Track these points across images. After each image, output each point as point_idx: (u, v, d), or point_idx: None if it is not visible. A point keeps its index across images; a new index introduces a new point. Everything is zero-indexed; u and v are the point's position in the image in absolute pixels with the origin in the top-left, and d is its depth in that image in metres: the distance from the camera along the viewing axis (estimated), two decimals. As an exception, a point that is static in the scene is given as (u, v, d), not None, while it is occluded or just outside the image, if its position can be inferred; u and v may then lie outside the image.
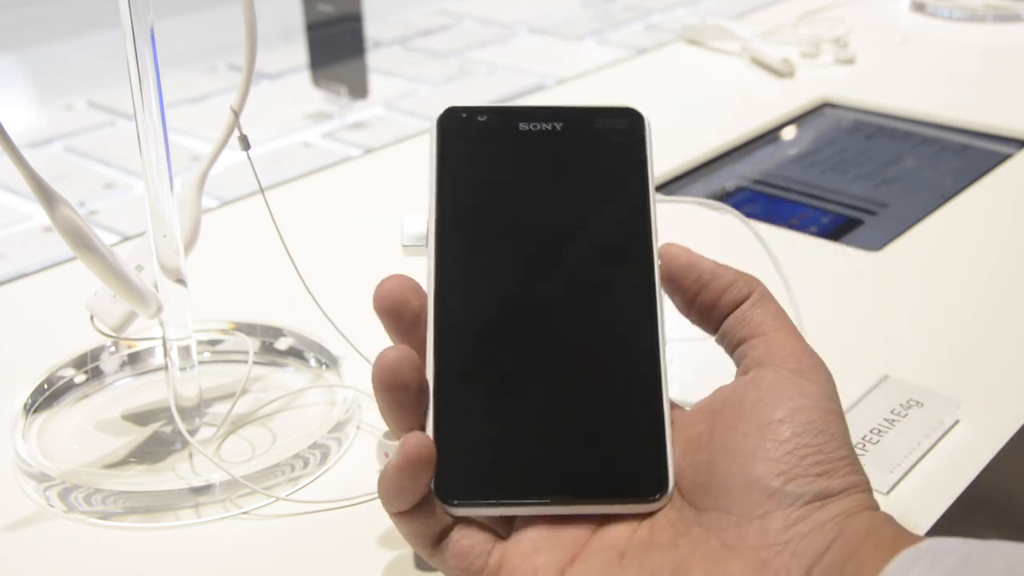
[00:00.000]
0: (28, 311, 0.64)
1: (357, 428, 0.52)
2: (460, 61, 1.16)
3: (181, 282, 0.49)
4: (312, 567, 0.44)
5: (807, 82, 0.99)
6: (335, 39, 0.95)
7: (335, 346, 0.56)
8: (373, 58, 1.10)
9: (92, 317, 0.50)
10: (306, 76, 0.99)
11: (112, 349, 0.56)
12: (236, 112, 0.48)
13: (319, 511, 0.47)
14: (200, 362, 0.51)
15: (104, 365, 0.56)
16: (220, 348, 0.57)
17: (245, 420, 0.52)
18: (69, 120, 0.99)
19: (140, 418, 0.53)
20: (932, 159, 0.84)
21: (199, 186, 0.51)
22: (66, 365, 0.55)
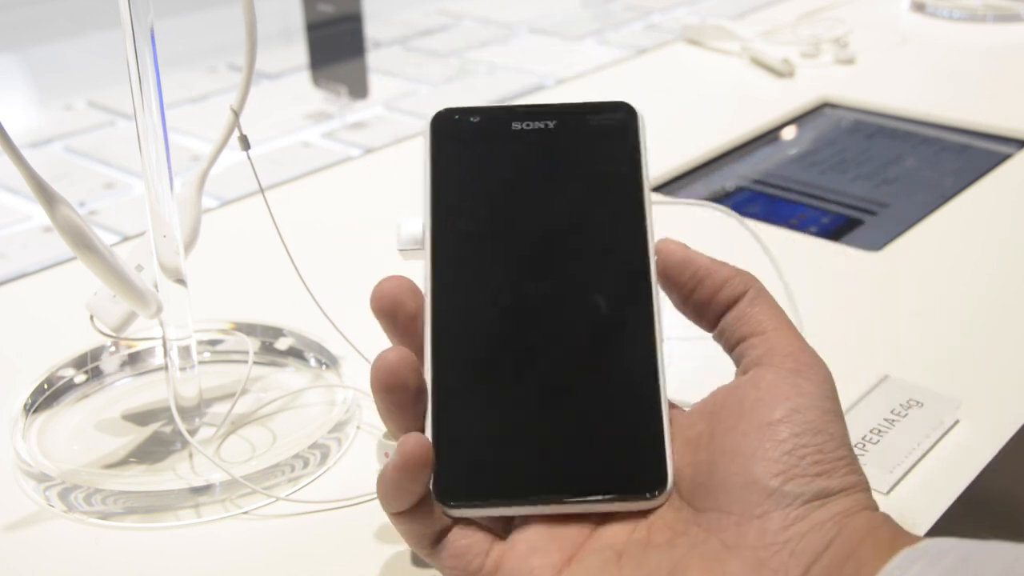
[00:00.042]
0: (28, 311, 0.64)
1: (357, 428, 0.52)
2: (460, 61, 1.16)
3: (181, 282, 0.49)
4: (312, 567, 0.44)
5: (807, 82, 0.99)
6: (335, 39, 0.95)
7: (335, 346, 0.56)
8: (373, 58, 1.10)
9: (92, 317, 0.50)
10: (306, 76, 0.99)
11: (112, 349, 0.56)
12: (236, 112, 0.48)
13: (319, 511, 0.47)
14: (200, 362, 0.51)
15: (104, 365, 0.56)
16: (220, 348, 0.57)
17: (245, 420, 0.52)
18: (69, 120, 0.99)
19: (140, 418, 0.53)
20: (932, 159, 0.84)
21: (199, 186, 0.51)
22: (66, 365, 0.55)
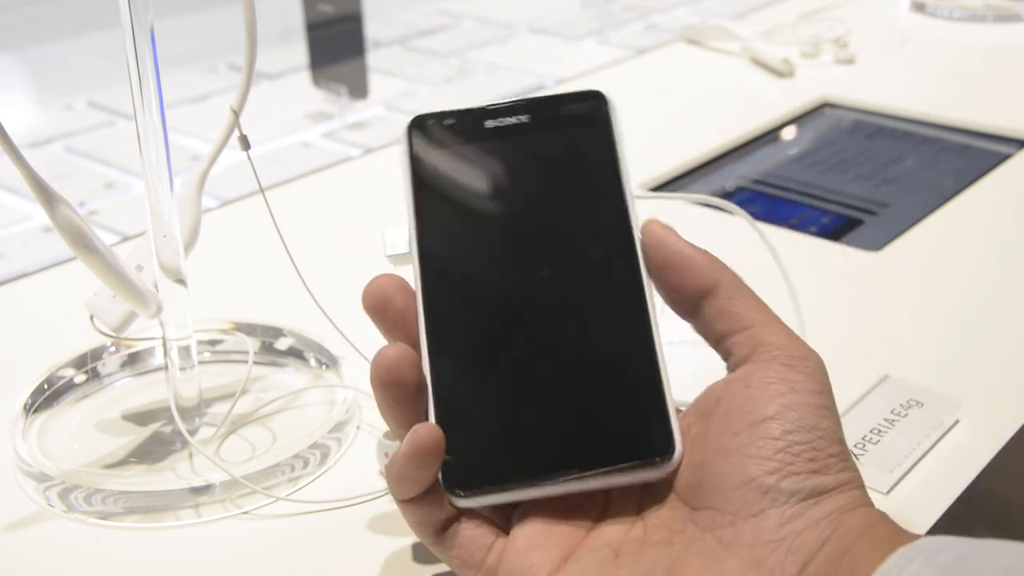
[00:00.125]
0: (28, 311, 0.64)
1: (357, 428, 0.52)
2: (460, 61, 1.16)
3: (181, 282, 0.49)
4: (312, 567, 0.44)
5: (807, 82, 0.99)
6: (335, 39, 0.95)
7: (335, 346, 0.56)
8: (373, 58, 1.10)
9: (92, 317, 0.50)
10: (306, 76, 0.99)
11: (112, 349, 0.56)
12: (236, 112, 0.48)
13: (319, 511, 0.47)
14: (200, 362, 0.51)
15: (104, 365, 0.56)
16: (220, 348, 0.57)
17: (245, 420, 0.52)
18: (69, 120, 0.99)
19: (140, 418, 0.53)
20: (932, 159, 0.84)
21: (199, 186, 0.51)
22: (66, 365, 0.55)
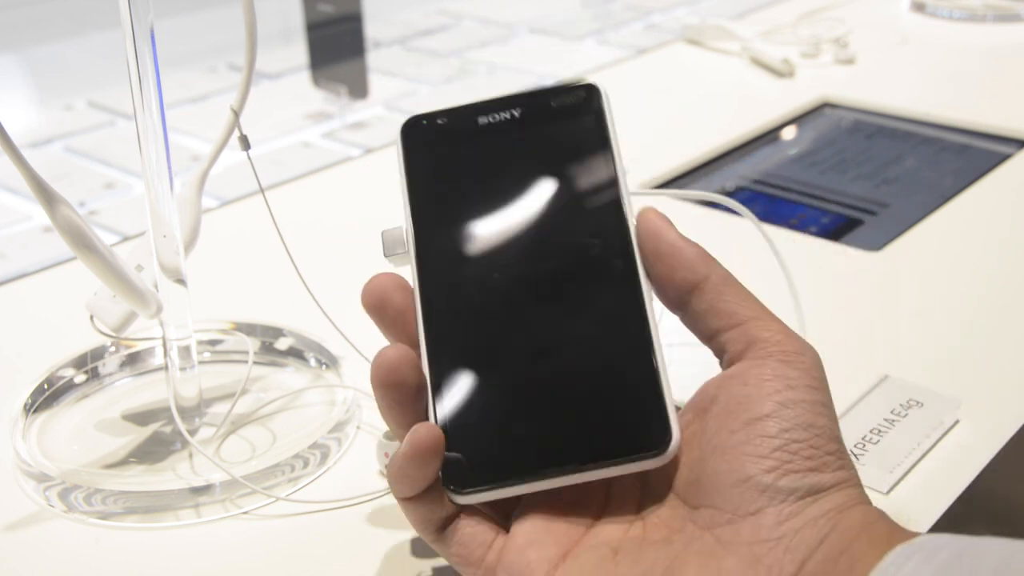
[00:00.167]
0: (28, 311, 0.64)
1: (357, 428, 0.52)
2: (460, 61, 1.16)
3: (181, 282, 0.49)
4: (312, 567, 0.44)
5: (807, 82, 0.99)
6: (335, 39, 0.95)
7: (335, 346, 0.56)
8: (373, 58, 1.10)
9: (92, 317, 0.50)
10: (306, 76, 0.99)
11: (112, 349, 0.56)
12: (236, 112, 0.48)
13: (319, 511, 0.47)
14: (200, 362, 0.51)
15: (104, 365, 0.56)
16: (220, 348, 0.57)
17: (245, 420, 0.52)
18: (69, 120, 0.99)
19: (140, 418, 0.53)
20: (932, 159, 0.84)
21: (199, 186, 0.51)
22: (66, 365, 0.55)
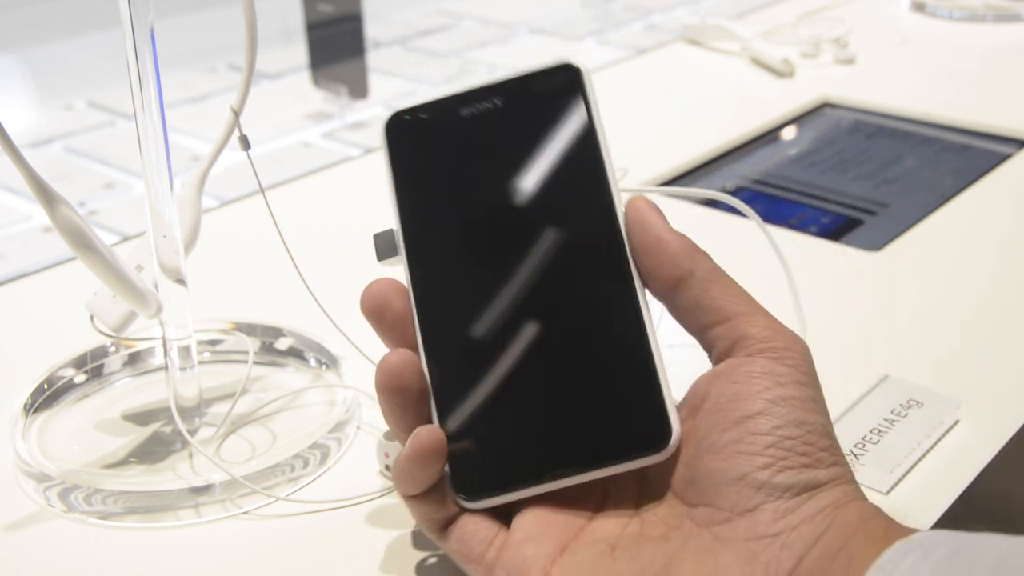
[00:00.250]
0: (28, 311, 0.64)
1: (357, 428, 0.52)
2: (460, 61, 1.16)
3: (181, 282, 0.49)
4: (312, 567, 0.44)
5: (807, 82, 0.99)
6: (335, 39, 0.95)
7: (335, 346, 0.56)
8: (373, 58, 1.10)
9: (92, 317, 0.50)
10: (306, 76, 0.99)
11: (112, 349, 0.56)
12: (236, 112, 0.48)
13: (319, 511, 0.47)
14: (200, 362, 0.51)
15: (104, 365, 0.56)
16: (220, 348, 0.57)
17: (245, 420, 0.52)
18: (69, 120, 0.99)
19: (140, 418, 0.53)
20: (932, 159, 0.84)
21: (199, 186, 0.51)
22: (66, 365, 0.55)
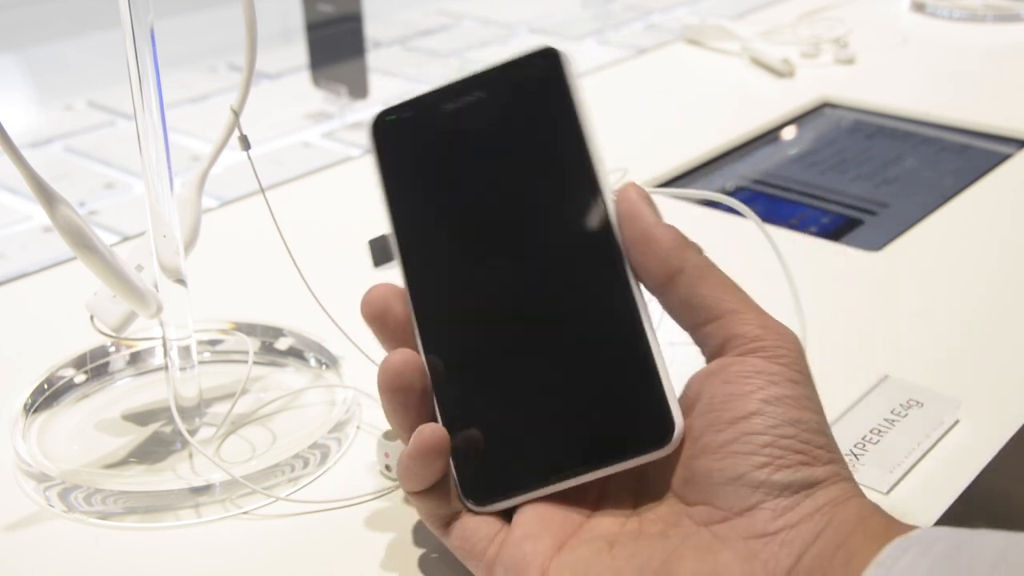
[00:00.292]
0: (28, 311, 0.64)
1: (357, 428, 0.52)
2: (460, 61, 1.16)
3: (181, 282, 0.49)
4: (312, 567, 0.44)
5: (807, 82, 0.99)
6: (335, 39, 0.95)
7: (335, 346, 0.56)
8: (373, 58, 1.10)
9: (92, 317, 0.50)
10: (306, 76, 0.99)
11: (112, 349, 0.56)
12: (236, 112, 0.48)
13: (319, 511, 0.47)
14: (200, 362, 0.51)
15: (104, 365, 0.56)
16: (220, 348, 0.57)
17: (245, 420, 0.52)
18: (69, 120, 0.99)
19: (140, 418, 0.53)
20: (932, 159, 0.84)
21: (199, 186, 0.51)
22: (66, 365, 0.55)
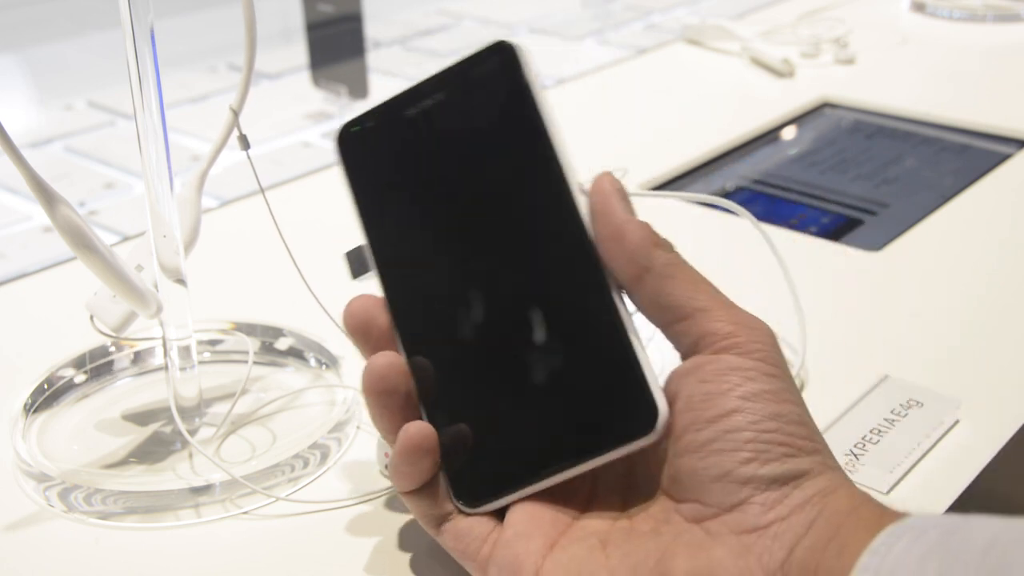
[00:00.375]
0: (28, 311, 0.64)
1: (357, 428, 0.52)
2: (460, 61, 1.15)
3: (181, 282, 0.49)
4: (312, 567, 0.44)
5: (807, 82, 0.99)
6: (335, 39, 0.95)
7: (335, 346, 0.56)
8: (373, 58, 1.10)
9: (92, 317, 0.50)
10: (306, 76, 0.99)
11: (112, 349, 0.56)
12: (236, 112, 0.48)
13: (319, 511, 0.47)
14: (200, 362, 0.51)
15: (104, 365, 0.56)
16: (220, 348, 0.57)
17: (245, 420, 0.52)
18: (69, 120, 0.99)
19: (140, 418, 0.53)
20: (932, 159, 0.84)
21: (199, 186, 0.51)
22: (66, 365, 0.55)
